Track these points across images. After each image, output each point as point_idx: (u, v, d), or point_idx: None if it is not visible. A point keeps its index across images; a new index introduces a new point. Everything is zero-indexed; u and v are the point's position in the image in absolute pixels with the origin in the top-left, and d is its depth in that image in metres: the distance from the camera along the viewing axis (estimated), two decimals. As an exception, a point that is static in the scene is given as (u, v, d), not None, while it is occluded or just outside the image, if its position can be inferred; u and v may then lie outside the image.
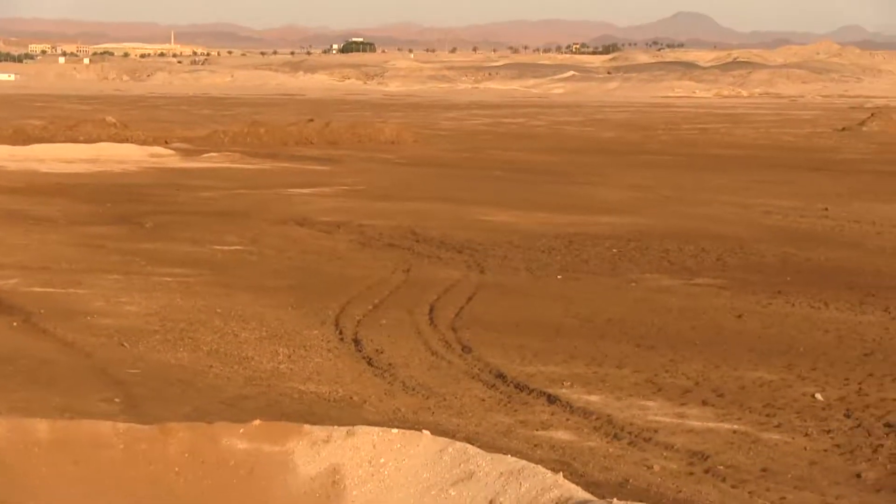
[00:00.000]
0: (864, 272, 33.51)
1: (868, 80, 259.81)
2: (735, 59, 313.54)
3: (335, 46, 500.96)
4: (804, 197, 52.12)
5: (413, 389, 21.04)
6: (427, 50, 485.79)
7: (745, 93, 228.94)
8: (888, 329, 26.14)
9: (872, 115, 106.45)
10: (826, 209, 47.69)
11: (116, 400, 19.13)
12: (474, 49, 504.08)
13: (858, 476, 16.57)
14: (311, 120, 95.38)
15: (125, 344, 23.40)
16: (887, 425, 18.91)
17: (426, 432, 12.28)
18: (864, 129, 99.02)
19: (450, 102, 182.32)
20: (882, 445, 17.88)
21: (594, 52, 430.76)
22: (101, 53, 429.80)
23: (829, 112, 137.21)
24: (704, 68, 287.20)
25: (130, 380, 20.63)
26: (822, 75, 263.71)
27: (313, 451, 12.04)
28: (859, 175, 63.91)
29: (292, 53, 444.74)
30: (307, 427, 12.48)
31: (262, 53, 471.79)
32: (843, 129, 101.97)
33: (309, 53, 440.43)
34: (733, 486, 16.13)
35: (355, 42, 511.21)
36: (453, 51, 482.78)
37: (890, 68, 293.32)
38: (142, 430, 12.43)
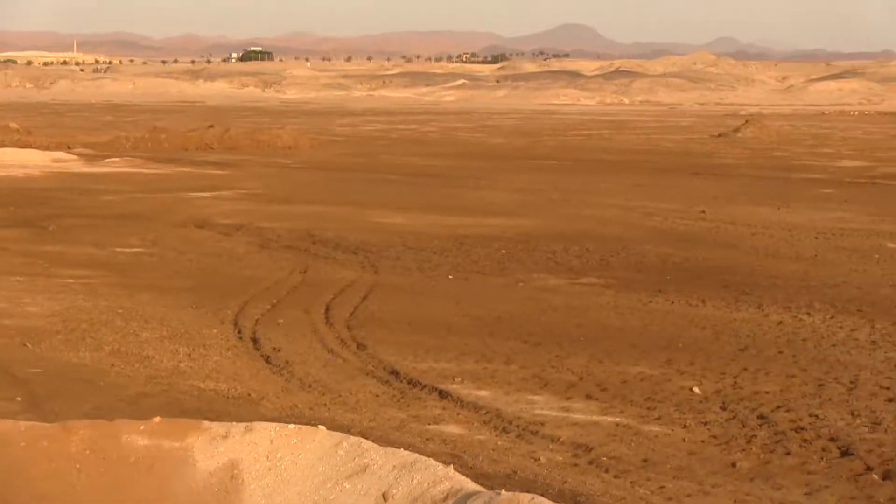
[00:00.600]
0: (739, 271, 33.90)
1: (742, 88, 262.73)
2: (617, 68, 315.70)
3: (234, 55, 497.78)
4: (683, 200, 52.61)
5: (309, 386, 20.96)
6: (323, 59, 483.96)
7: (627, 100, 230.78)
8: (761, 325, 26.47)
9: (746, 121, 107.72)
10: (703, 211, 48.20)
11: (18, 399, 18.82)
12: (369, 58, 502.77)
13: (733, 465, 16.74)
14: (211, 126, 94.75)
15: (27, 344, 23.04)
16: (761, 417, 19.14)
17: (322, 427, 12.21)
18: (739, 135, 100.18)
19: (345, 109, 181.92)
20: (755, 436, 18.09)
21: (483, 62, 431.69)
22: (5, 61, 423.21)
23: (706, 119, 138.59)
24: (589, 77, 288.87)
25: (32, 379, 20.31)
26: (699, 84, 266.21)
27: (212, 447, 11.93)
28: (734, 179, 64.63)
29: (192, 62, 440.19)
30: (206, 423, 12.36)
31: (164, 62, 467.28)
32: (719, 135, 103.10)
33: (209, 62, 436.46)
34: (616, 477, 16.23)
35: (254, 51, 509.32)
36: (348, 60, 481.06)
37: (762, 78, 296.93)
38: (43, 428, 12.23)
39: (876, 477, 16.19)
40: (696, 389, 20.85)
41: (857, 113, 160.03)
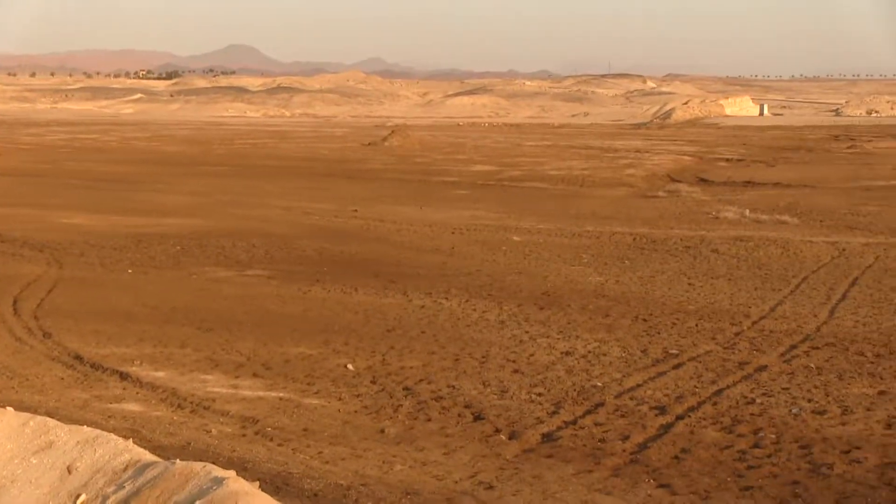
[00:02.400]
0: (387, 263, 34.38)
1: (388, 103, 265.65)
2: (279, 84, 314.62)
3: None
4: (338, 200, 52.94)
5: (-2, 372, 20.33)
6: (9, 74, 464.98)
7: (288, 113, 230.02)
8: (406, 309, 26.93)
9: (392, 132, 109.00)
10: (356, 210, 48.64)
11: None
12: (52, 74, 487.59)
13: (382, 431, 17.01)
14: None
15: None
16: (406, 389, 19.49)
17: (9, 409, 11.85)
18: (386, 143, 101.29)
19: (30, 120, 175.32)
20: (401, 405, 18.42)
21: (159, 78, 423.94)
22: None
23: (358, 130, 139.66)
24: (254, 92, 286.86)
25: None
26: (352, 99, 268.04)
27: None
28: (382, 182, 65.38)
29: None
30: None
31: None
32: (369, 143, 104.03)
33: None
34: (279, 445, 16.28)
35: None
36: (33, 75, 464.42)
37: (406, 94, 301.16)
38: None
39: (503, 437, 16.71)
40: (349, 366, 21.07)
41: (487, 124, 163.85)
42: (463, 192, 59.15)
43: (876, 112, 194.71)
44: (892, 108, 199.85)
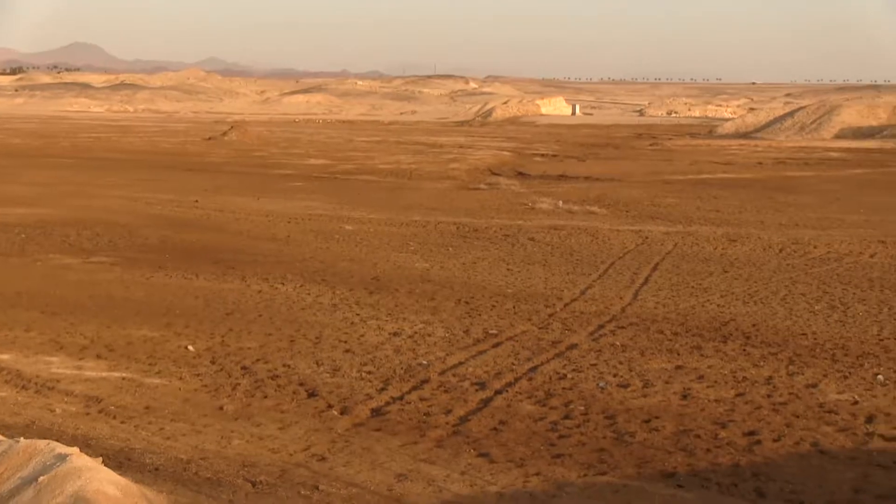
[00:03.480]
0: (226, 250, 34.03)
1: (228, 100, 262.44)
2: (122, 81, 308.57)
3: None
4: (180, 191, 52.16)
5: None
6: None
7: (131, 109, 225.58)
8: (245, 294, 26.70)
9: (232, 127, 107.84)
10: (197, 201, 47.99)
11: None
12: None
13: (221, 408, 16.85)
14: None
15: None
16: (244, 368, 19.34)
17: None
18: (226, 138, 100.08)
19: None
20: (239, 384, 18.27)
21: (2, 73, 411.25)
22: None
23: (199, 125, 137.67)
24: (98, 88, 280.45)
25: None
26: (193, 96, 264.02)
27: None
28: (222, 174, 64.60)
29: None
30: None
31: None
32: (209, 138, 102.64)
33: None
34: (122, 422, 16.02)
35: None
36: None
37: (245, 91, 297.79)
38: None
39: (335, 412, 16.71)
40: (190, 347, 20.82)
41: (321, 121, 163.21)
42: (298, 185, 58.80)
43: (675, 113, 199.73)
44: (689, 110, 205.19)
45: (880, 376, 19.20)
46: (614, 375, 19.08)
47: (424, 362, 19.93)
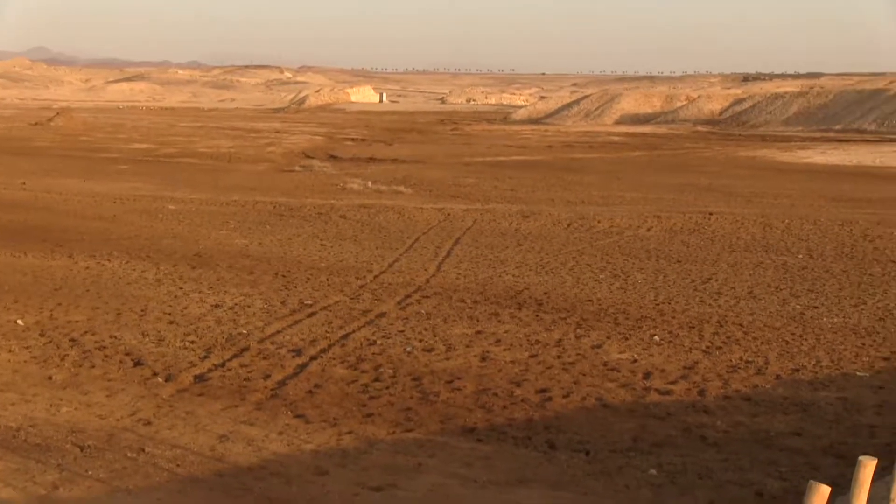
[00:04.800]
0: (54, 229, 32.95)
1: (54, 88, 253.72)
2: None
3: None
4: (6, 175, 50.24)
5: None
6: None
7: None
8: (72, 270, 25.92)
9: (58, 113, 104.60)
10: (24, 183, 46.39)
11: None
12: None
13: (50, 378, 16.33)
14: None
15: None
16: (72, 340, 18.79)
17: None
18: (52, 123, 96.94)
19: None
20: (68, 355, 17.74)
21: None
22: None
23: (25, 112, 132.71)
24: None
25: None
26: (19, 84, 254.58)
27: None
28: (49, 158, 62.56)
29: None
30: None
31: None
32: (36, 123, 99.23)
33: None
34: (-47, 394, 15.38)
35: None
36: None
37: (70, 80, 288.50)
38: None
39: (160, 380, 16.37)
40: (19, 321, 20.10)
41: (144, 108, 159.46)
42: (124, 167, 57.37)
43: (473, 100, 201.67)
44: (486, 98, 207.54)
45: (656, 337, 19.81)
46: (420, 341, 19.19)
47: (244, 332, 19.70)
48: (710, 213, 38.81)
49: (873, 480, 6.35)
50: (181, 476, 12.25)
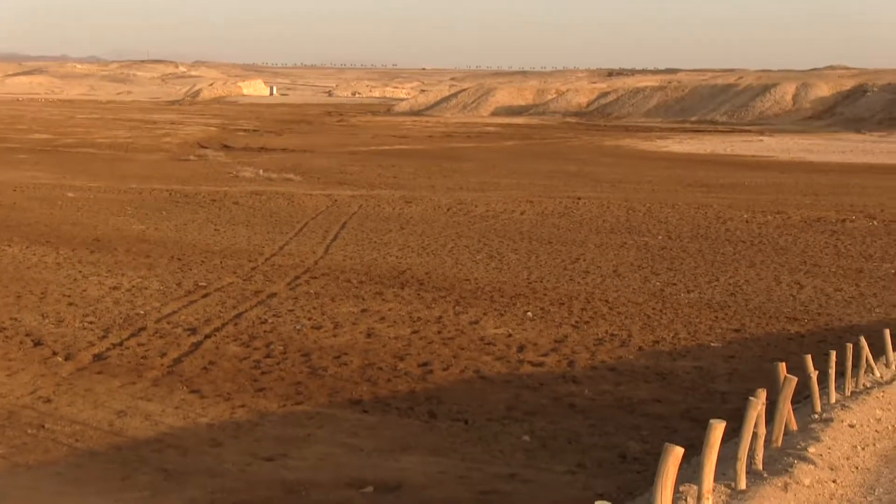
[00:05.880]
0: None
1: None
2: None
3: None
4: None
5: None
6: None
7: None
8: (-28, 255, 25.12)
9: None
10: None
11: None
12: None
13: (-49, 360, 15.80)
14: None
15: None
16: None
17: None
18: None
19: None
20: (-31, 337, 17.17)
21: None
22: None
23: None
24: None
25: None
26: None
27: None
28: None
29: None
30: None
31: None
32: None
33: None
34: None
35: None
36: None
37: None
38: None
39: (60, 359, 15.96)
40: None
41: (43, 100, 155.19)
42: (23, 157, 55.71)
43: (358, 93, 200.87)
44: (370, 91, 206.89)
45: (529, 313, 19.97)
46: (309, 319, 19.05)
47: (141, 312, 19.31)
48: (579, 198, 39.27)
49: (723, 441, 6.49)
50: (80, 450, 11.97)
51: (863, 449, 9.09)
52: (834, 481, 8.00)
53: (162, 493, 10.57)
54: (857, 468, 8.54)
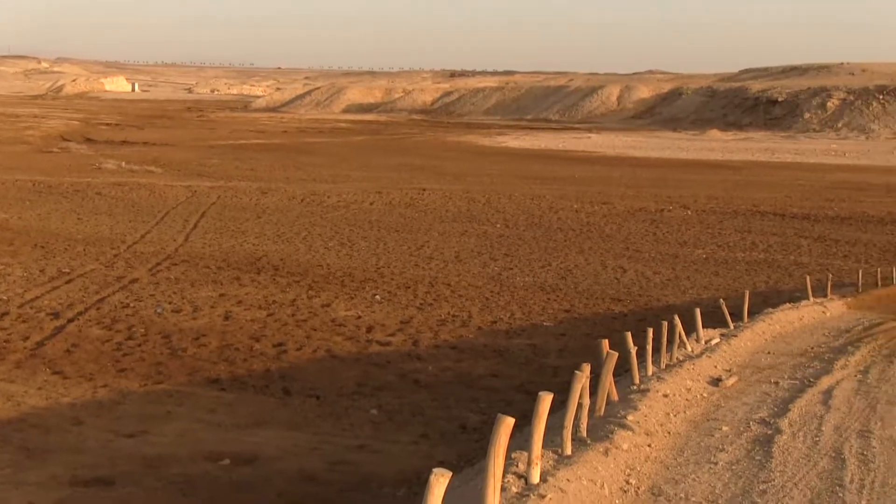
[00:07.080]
0: None
1: None
2: None
3: None
4: None
5: None
6: None
7: None
8: None
9: None
10: None
11: None
12: None
13: None
14: None
15: None
16: None
17: None
18: None
19: None
20: None
21: None
22: None
23: None
24: None
25: None
26: None
27: None
28: None
29: None
30: None
31: None
32: None
33: None
34: None
35: None
36: None
37: None
38: None
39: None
40: None
41: None
42: None
43: (217, 90, 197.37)
44: (228, 88, 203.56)
45: (377, 296, 19.98)
46: (169, 303, 18.64)
47: (4, 298, 18.56)
48: (423, 190, 39.46)
49: (552, 412, 6.62)
50: (-58, 433, 11.43)
51: (675, 416, 9.41)
52: (649, 445, 8.27)
53: (24, 470, 10.19)
54: (669, 433, 8.84)
